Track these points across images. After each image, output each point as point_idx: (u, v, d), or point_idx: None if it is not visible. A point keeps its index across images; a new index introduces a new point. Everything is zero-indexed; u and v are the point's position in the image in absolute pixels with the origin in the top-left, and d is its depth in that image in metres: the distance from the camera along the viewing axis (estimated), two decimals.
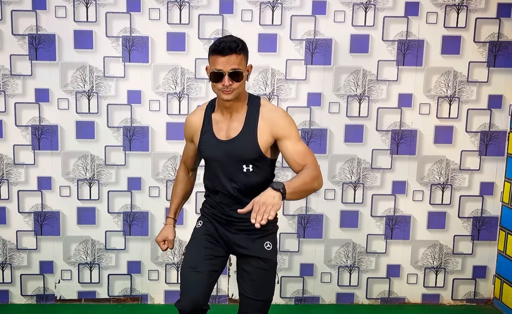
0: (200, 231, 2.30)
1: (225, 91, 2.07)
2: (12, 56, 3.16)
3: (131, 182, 3.30)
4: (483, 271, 3.52)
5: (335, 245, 3.44)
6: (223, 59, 2.04)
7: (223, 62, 2.04)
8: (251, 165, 2.15)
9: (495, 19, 3.26)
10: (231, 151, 2.14)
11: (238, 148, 2.14)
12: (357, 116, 3.32)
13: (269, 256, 2.20)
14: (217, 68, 2.06)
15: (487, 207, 3.45)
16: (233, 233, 2.23)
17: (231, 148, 2.14)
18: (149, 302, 3.44)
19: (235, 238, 2.23)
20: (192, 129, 2.28)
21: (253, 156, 2.14)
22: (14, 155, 3.24)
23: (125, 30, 3.16)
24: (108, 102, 3.23)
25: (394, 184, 3.39)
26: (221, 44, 2.05)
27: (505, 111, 3.36)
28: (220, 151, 2.16)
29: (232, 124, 2.17)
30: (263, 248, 2.20)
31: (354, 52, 3.25)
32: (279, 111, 2.18)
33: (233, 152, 2.14)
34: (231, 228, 2.23)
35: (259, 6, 3.18)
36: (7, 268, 3.36)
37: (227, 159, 2.16)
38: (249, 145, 2.13)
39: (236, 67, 2.06)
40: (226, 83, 2.05)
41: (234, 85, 2.07)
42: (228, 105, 2.15)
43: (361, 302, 3.51)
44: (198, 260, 2.21)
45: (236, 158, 2.14)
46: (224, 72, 2.05)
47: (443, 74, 3.30)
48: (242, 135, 2.14)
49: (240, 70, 2.06)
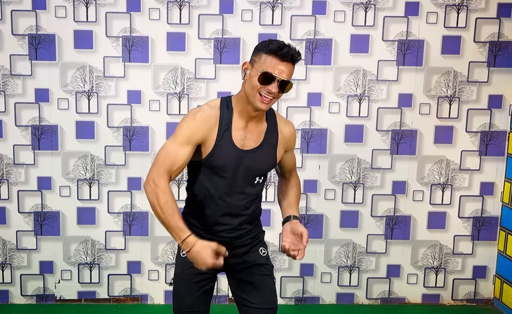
0: (186, 263, 1.95)
1: (265, 99, 1.88)
2: (12, 56, 3.16)
3: (131, 182, 3.30)
4: (483, 271, 3.52)
5: (335, 245, 3.44)
6: (281, 64, 1.86)
7: (280, 67, 1.86)
8: (263, 177, 2.05)
9: (495, 19, 3.26)
10: (250, 162, 1.97)
11: (259, 160, 1.99)
12: (357, 116, 3.32)
13: (266, 261, 2.12)
14: (270, 71, 1.85)
15: (487, 207, 3.45)
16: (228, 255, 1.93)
17: (251, 159, 1.97)
18: (149, 302, 3.44)
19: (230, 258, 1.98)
20: (205, 130, 1.94)
21: (269, 168, 2.05)
22: (14, 155, 3.24)
23: (125, 30, 3.16)
24: (108, 102, 3.23)
25: (394, 184, 3.39)
26: (285, 48, 1.86)
27: (505, 111, 3.36)
28: (237, 161, 1.95)
29: (252, 134, 1.99)
30: (259, 254, 2.10)
31: (354, 52, 3.25)
32: (292, 126, 2.13)
33: (252, 163, 1.98)
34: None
35: (259, 6, 3.18)
36: (7, 268, 3.36)
37: (243, 170, 1.97)
38: (269, 157, 2.03)
39: (288, 79, 1.89)
40: (274, 90, 1.87)
41: (277, 96, 1.90)
42: (255, 114, 1.96)
43: (361, 302, 3.51)
44: (193, 301, 2.04)
45: (253, 169, 1.99)
46: (277, 79, 1.86)
47: (443, 74, 3.30)
48: (263, 146, 2.00)
49: (290, 82, 1.90)
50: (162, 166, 1.90)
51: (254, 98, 1.89)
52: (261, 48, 1.90)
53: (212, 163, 1.95)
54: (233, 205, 1.99)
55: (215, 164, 1.95)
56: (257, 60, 1.89)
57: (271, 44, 1.87)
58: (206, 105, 2.01)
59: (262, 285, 2.07)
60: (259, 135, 2.00)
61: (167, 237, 3.37)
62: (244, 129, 1.98)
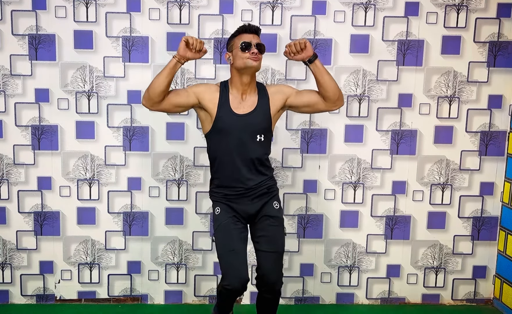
0: (222, 216, 2.57)
1: (253, 58, 2.45)
2: (12, 56, 3.16)
3: (131, 182, 3.30)
4: (483, 271, 3.52)
5: (335, 245, 3.44)
6: (250, 36, 2.49)
7: (250, 37, 2.48)
8: (263, 135, 2.53)
9: (495, 19, 3.26)
10: (248, 123, 2.50)
11: (255, 120, 2.51)
12: (357, 116, 3.32)
13: (278, 214, 2.60)
14: (246, 41, 2.46)
15: (487, 207, 3.45)
16: (246, 205, 2.57)
17: (249, 120, 2.50)
18: (149, 302, 3.44)
19: (249, 208, 2.57)
20: (209, 94, 2.54)
21: (266, 126, 2.54)
22: (14, 155, 3.24)
23: (125, 30, 3.16)
24: (108, 102, 3.23)
25: (394, 184, 3.39)
26: (246, 25, 2.52)
27: (505, 111, 3.36)
28: (238, 124, 2.49)
29: (247, 102, 2.54)
30: (272, 207, 2.60)
31: (354, 52, 3.25)
32: (279, 85, 2.75)
33: (250, 124, 2.50)
34: (244, 200, 2.56)
35: (259, 6, 3.18)
36: (7, 268, 3.36)
37: (244, 131, 2.49)
38: (264, 117, 2.54)
39: (260, 42, 2.50)
40: (255, 50, 2.45)
41: (259, 55, 2.48)
42: (247, 81, 2.52)
43: (361, 302, 3.52)
44: (232, 242, 2.51)
45: (252, 128, 2.51)
46: (252, 43, 2.47)
47: (443, 74, 3.30)
48: (257, 109, 2.54)
49: (263, 45, 2.51)
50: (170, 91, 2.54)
51: (245, 63, 2.46)
52: (231, 37, 2.55)
53: (217, 128, 2.51)
54: (241, 159, 2.51)
55: (220, 128, 2.50)
56: (233, 43, 2.52)
57: (238, 28, 2.52)
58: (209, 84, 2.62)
59: (271, 233, 2.56)
60: (253, 103, 2.55)
61: (167, 237, 3.37)
62: (240, 99, 2.54)
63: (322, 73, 2.56)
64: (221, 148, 2.53)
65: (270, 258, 2.55)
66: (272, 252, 2.56)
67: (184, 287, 3.45)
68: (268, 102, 2.57)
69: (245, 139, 2.50)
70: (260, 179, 2.57)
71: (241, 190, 2.55)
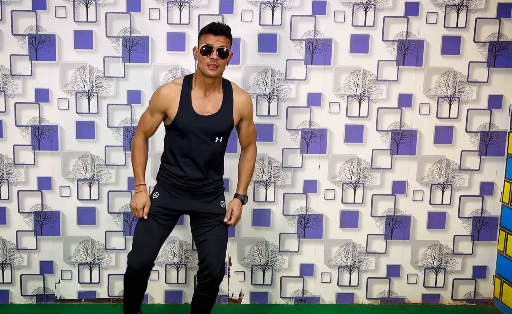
0: (157, 202, 2.61)
1: (211, 66, 2.39)
2: (12, 56, 3.16)
3: (131, 182, 3.30)
4: (483, 271, 3.52)
5: (335, 245, 3.44)
6: (214, 37, 2.39)
7: (214, 39, 2.39)
8: (222, 137, 2.54)
9: (495, 19, 3.26)
10: (209, 125, 2.49)
11: (217, 123, 2.50)
12: (357, 116, 3.32)
13: (223, 211, 2.66)
14: (207, 43, 2.39)
15: (487, 207, 3.45)
16: (192, 198, 2.59)
17: (211, 122, 2.49)
18: (149, 302, 3.44)
19: (194, 202, 2.60)
20: (166, 101, 2.50)
21: (226, 129, 2.54)
22: (14, 155, 3.24)
23: (125, 30, 3.17)
24: (108, 102, 3.23)
25: (394, 184, 3.39)
26: (214, 25, 2.40)
27: (505, 111, 3.36)
28: (199, 125, 2.48)
29: (210, 102, 2.50)
30: (219, 206, 2.65)
31: (354, 52, 3.25)
32: (246, 95, 2.61)
33: (211, 126, 2.49)
34: (189, 195, 2.59)
35: (259, 6, 3.19)
36: (7, 268, 3.36)
37: (204, 132, 2.49)
38: (226, 121, 2.53)
39: (224, 46, 2.40)
40: (214, 57, 2.37)
41: (219, 61, 2.40)
42: (210, 82, 2.46)
43: (361, 302, 3.52)
44: (152, 229, 2.58)
45: (213, 130, 2.50)
46: (214, 48, 2.38)
47: (443, 74, 3.30)
48: (221, 112, 2.51)
49: (227, 49, 2.41)
50: (139, 127, 2.63)
51: (203, 69, 2.41)
52: (200, 33, 2.48)
53: (177, 126, 2.49)
54: (197, 158, 2.52)
55: (179, 127, 2.49)
56: (199, 41, 2.45)
57: (204, 26, 2.43)
58: (172, 82, 2.56)
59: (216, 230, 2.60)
60: (217, 103, 2.51)
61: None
62: (203, 98, 2.50)
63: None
64: (178, 144, 2.53)
65: (216, 247, 2.57)
66: (217, 240, 2.58)
67: (184, 287, 3.45)
68: (232, 108, 2.54)
69: (203, 139, 2.50)
70: (211, 179, 2.59)
71: (191, 185, 2.56)
